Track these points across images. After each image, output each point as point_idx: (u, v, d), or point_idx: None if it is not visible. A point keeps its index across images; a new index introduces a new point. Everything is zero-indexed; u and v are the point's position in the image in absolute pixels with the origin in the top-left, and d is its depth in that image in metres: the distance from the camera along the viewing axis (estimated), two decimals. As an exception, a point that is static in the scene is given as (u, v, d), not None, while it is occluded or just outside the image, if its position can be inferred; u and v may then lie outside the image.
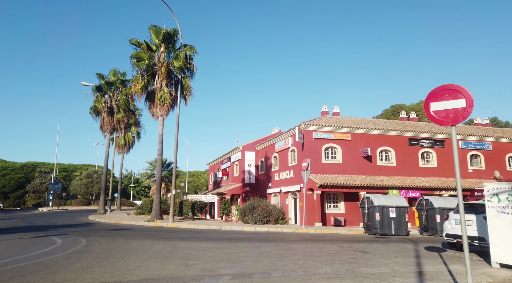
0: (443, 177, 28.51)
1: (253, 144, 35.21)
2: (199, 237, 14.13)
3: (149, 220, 20.27)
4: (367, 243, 12.93)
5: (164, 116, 20.65)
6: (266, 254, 9.71)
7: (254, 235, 15.20)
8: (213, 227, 18.51)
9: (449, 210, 16.70)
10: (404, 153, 28.13)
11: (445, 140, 29.14)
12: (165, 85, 20.61)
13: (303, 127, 26.56)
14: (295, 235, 16.10)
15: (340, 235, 17.06)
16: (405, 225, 16.86)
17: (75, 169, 62.70)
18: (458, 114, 5.53)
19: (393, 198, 17.40)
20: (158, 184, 21.05)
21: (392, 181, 26.44)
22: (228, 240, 13.09)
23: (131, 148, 36.05)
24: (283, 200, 29.42)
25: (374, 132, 27.82)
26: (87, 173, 54.44)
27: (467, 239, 5.33)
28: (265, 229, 18.07)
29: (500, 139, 30.12)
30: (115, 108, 27.94)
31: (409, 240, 14.91)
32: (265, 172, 33.16)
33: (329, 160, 26.79)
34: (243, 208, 21.08)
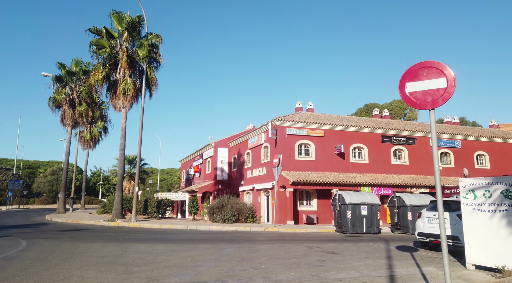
0: (414, 174, 28.52)
1: (226, 140, 34.12)
2: (159, 238, 12.95)
3: (109, 219, 18.81)
4: (337, 243, 12.20)
5: (127, 108, 19.20)
6: (226, 257, 8.72)
7: (220, 235, 14.18)
8: (178, 226, 17.33)
9: (420, 208, 16.31)
10: (376, 150, 27.89)
11: (416, 138, 29.16)
12: (128, 75, 19.14)
13: (277, 123, 25.73)
14: (264, 234, 15.21)
15: (310, 234, 16.32)
16: (376, 223, 16.34)
17: (40, 166, 59.27)
18: (437, 96, 4.70)
19: (365, 195, 16.84)
20: (120, 180, 19.58)
21: (364, 178, 26.10)
22: (189, 241, 12.00)
23: (97, 143, 34.01)
24: (255, 198, 28.52)
25: (348, 129, 27.40)
26: (52, 170, 51.46)
27: (446, 244, 4.52)
28: (234, 228, 17.09)
29: (469, 138, 30.49)
30: (76, 101, 26.02)
31: (380, 238, 14.34)
32: (238, 169, 32.17)
33: (303, 157, 26.12)
34: (211, 206, 19.99)
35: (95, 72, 18.51)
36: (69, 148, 27.63)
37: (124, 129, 19.53)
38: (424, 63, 4.76)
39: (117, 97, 18.95)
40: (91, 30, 18.65)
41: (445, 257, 4.49)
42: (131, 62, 19.49)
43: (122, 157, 19.64)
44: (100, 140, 34.31)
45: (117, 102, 19.04)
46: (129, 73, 19.27)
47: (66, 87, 26.20)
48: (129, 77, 19.16)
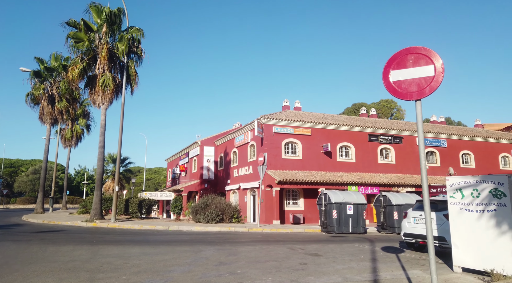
0: (401, 173, 28.40)
1: (213, 139, 33.48)
2: (136, 239, 12.31)
3: (87, 220, 18.04)
4: (321, 244, 11.77)
5: (107, 104, 18.42)
6: (203, 261, 8.18)
7: (202, 236, 13.61)
8: (159, 227, 16.69)
9: (407, 207, 16.02)
10: (363, 149, 27.67)
11: (403, 137, 29.05)
12: (107, 70, 18.35)
13: (263, 121, 25.25)
14: (247, 235, 14.70)
15: (295, 234, 15.89)
16: (362, 222, 15.99)
17: (22, 164, 57.49)
18: (424, 85, 4.25)
19: (351, 194, 16.49)
20: (99, 179, 18.79)
21: (351, 177, 25.84)
22: (167, 243, 11.41)
23: (79, 141, 32.97)
24: (241, 197, 28.00)
25: (335, 127, 27.10)
26: (34, 169, 49.91)
27: (433, 250, 4.08)
28: (217, 229, 16.53)
29: (454, 137, 30.55)
30: (56, 97, 24.98)
31: (366, 239, 13.98)
32: (224, 167, 31.58)
33: (289, 155, 25.71)
34: (195, 206, 19.38)
35: (73, 67, 17.68)
36: (48, 145, 26.60)
37: (103, 126, 18.73)
38: (410, 49, 4.30)
39: (96, 93, 18.15)
40: (68, 23, 17.79)
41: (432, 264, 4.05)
42: (111, 56, 18.71)
43: (102, 155, 18.84)
44: (83, 138, 33.30)
45: (96, 98, 18.24)
46: (108, 68, 18.48)
47: (45, 82, 25.14)
48: (109, 72, 18.36)
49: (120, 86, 18.82)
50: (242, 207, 27.87)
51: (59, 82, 24.64)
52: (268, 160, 24.93)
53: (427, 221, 4.08)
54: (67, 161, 33.54)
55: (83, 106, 32.77)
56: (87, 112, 33.28)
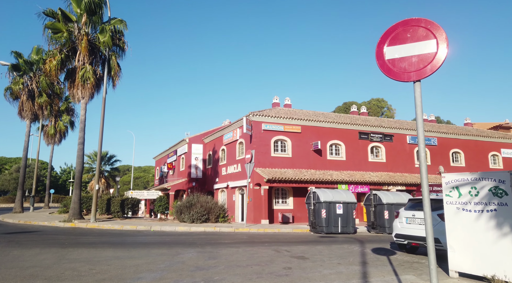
0: (391, 171, 28.00)
1: (201, 136, 32.67)
2: (112, 241, 11.51)
3: (65, 220, 17.12)
4: (309, 245, 11.12)
5: (87, 99, 17.47)
6: (178, 265, 7.45)
7: (184, 237, 12.85)
8: (141, 227, 15.87)
9: (398, 206, 15.50)
10: (354, 147, 27.19)
11: (393, 135, 28.65)
12: (88, 62, 17.40)
13: (252, 118, 24.55)
14: (233, 235, 13.99)
15: (283, 234, 15.23)
16: (352, 222, 15.42)
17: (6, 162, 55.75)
18: (425, 63, 3.57)
19: (341, 193, 15.89)
20: (77, 177, 17.85)
21: (341, 175, 25.32)
22: (144, 245, 10.63)
23: (63, 139, 31.81)
24: (230, 196, 27.28)
25: (325, 125, 26.54)
26: (17, 167, 48.34)
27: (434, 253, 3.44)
28: (201, 229, 15.78)
29: (445, 135, 30.28)
30: (36, 92, 23.85)
31: (356, 239, 13.39)
32: (212, 166, 30.81)
33: (279, 153, 25.07)
34: (179, 205, 18.59)
35: (51, 59, 16.70)
36: (28, 142, 25.45)
37: (83, 121, 17.79)
38: (408, 21, 3.62)
39: (75, 86, 17.20)
40: (46, 13, 16.77)
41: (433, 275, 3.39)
42: (92, 48, 17.77)
43: (81, 151, 17.91)
44: (66, 135, 32.13)
45: (75, 92, 17.29)
46: (89, 61, 17.54)
47: (24, 77, 23.97)
48: (89, 65, 17.42)
49: (102, 80, 17.89)
50: (230, 206, 27.16)
51: (39, 77, 23.53)
52: (257, 158, 24.26)
53: (427, 222, 3.43)
54: (50, 158, 32.37)
55: (67, 103, 31.63)
56: (71, 109, 32.14)
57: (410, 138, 28.98)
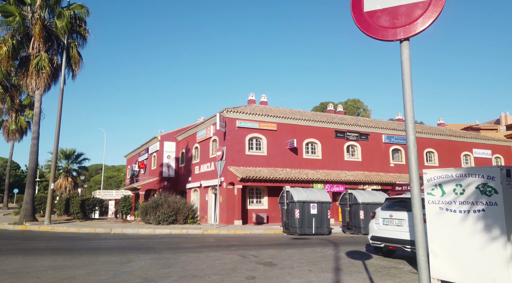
0: (367, 170, 27.64)
1: (174, 134, 31.25)
2: (58, 247, 10.17)
3: (16, 222, 15.47)
4: (279, 249, 10.20)
5: (43, 90, 15.85)
6: (123, 277, 6.32)
7: (144, 241, 11.65)
8: (100, 230, 14.48)
9: (374, 206, 14.89)
10: (330, 146, 26.64)
11: (369, 133, 28.31)
12: (43, 50, 15.79)
13: (226, 114, 23.47)
14: (199, 238, 12.90)
15: (254, 236, 14.26)
16: (327, 222, 14.66)
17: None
18: (414, 16, 2.65)
19: (315, 192, 15.11)
20: (30, 175, 16.21)
21: (317, 174, 24.68)
22: (93, 251, 9.37)
23: (25, 135, 29.59)
24: (203, 196, 26.10)
25: (301, 123, 25.82)
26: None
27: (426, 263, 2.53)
28: (167, 231, 14.58)
29: (419, 135, 30.26)
30: (-11, 83, 21.86)
31: (330, 241, 12.60)
32: (185, 164, 29.49)
33: (253, 151, 24.13)
34: (145, 206, 17.28)
35: (1, 45, 15.01)
36: (-20, 137, 23.32)
37: (38, 114, 16.17)
38: (393, -40, 2.70)
39: (29, 75, 15.54)
40: (-4, -7, 15.09)
41: None
42: (48, 35, 16.16)
43: (35, 147, 16.27)
44: (29, 131, 29.91)
45: (29, 82, 15.63)
46: (44, 48, 15.93)
47: (-23, 66, 21.84)
48: (44, 52, 15.83)
49: (59, 70, 16.32)
50: (203, 206, 25.99)
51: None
52: (231, 156, 23.23)
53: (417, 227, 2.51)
54: (10, 155, 30.08)
55: (30, 97, 29.42)
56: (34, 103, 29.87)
57: (385, 138, 28.75)
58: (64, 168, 37.29)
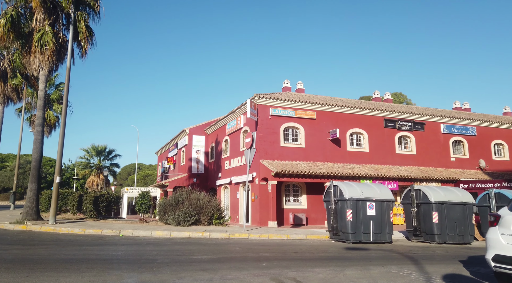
0: (422, 165, 23.32)
1: (203, 127, 28.66)
2: (36, 255, 7.52)
3: (18, 221, 13.37)
4: (332, 267, 6.84)
5: (47, 69, 13.67)
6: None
7: (148, 249, 8.78)
8: (107, 231, 11.89)
9: (452, 206, 11.06)
10: (378, 137, 22.67)
11: (425, 122, 23.95)
12: (47, 23, 13.65)
13: (257, 101, 20.38)
14: (222, 245, 9.85)
15: (293, 243, 10.97)
16: (388, 227, 11.04)
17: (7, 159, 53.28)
18: None
19: (372, 187, 11.51)
20: (35, 168, 14.09)
21: (364, 169, 20.87)
22: (64, 265, 6.56)
23: (53, 130, 28.45)
24: (233, 193, 23.16)
25: (344, 110, 22.12)
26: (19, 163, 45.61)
27: None
28: (185, 234, 11.70)
29: (485, 124, 25.36)
30: (9, 71, 20.42)
31: (401, 254, 9.01)
32: (215, 159, 26.77)
33: (289, 143, 20.82)
34: (163, 204, 14.57)
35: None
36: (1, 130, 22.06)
37: (42, 98, 14.05)
38: None
39: (32, 53, 13.42)
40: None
41: None
42: (53, 7, 14.00)
43: (39, 135, 14.18)
44: (57, 126, 28.68)
45: (32, 60, 13.52)
46: (49, 21, 13.80)
47: (-5, 54, 20.60)
48: (48, 26, 13.66)
49: (66, 47, 14.09)
50: (233, 205, 23.08)
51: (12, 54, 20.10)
52: (264, 148, 20.09)
53: None
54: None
55: (58, 91, 28.20)
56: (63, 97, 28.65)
57: (444, 127, 24.22)
58: (95, 164, 36.12)
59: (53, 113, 28.41)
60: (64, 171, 52.42)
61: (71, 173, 51.01)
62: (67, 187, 49.33)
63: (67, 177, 51.52)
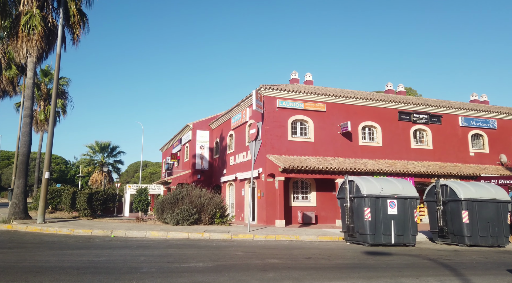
0: (439, 161, 21.79)
1: (207, 121, 27.44)
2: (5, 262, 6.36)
3: (4, 220, 12.31)
4: (353, 280, 5.53)
5: (35, 55, 12.53)
6: None
7: (137, 253, 7.57)
8: (98, 232, 10.73)
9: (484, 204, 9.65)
10: (392, 130, 21.20)
11: (442, 115, 22.38)
12: (35, 6, 12.51)
13: (264, 92, 19.07)
14: (222, 249, 8.60)
15: (303, 246, 9.66)
16: (412, 228, 9.66)
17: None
18: None
19: (393, 182, 10.13)
20: (22, 162, 12.96)
21: (377, 164, 19.44)
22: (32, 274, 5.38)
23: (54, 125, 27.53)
24: (238, 190, 21.93)
25: (356, 102, 20.69)
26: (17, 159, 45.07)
27: None
28: (184, 235, 10.48)
29: (506, 117, 23.68)
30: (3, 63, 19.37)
31: (433, 261, 7.65)
32: (220, 155, 25.55)
33: (298, 137, 19.49)
34: (161, 201, 13.39)
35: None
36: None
37: (30, 87, 12.93)
38: None
39: (19, 38, 12.30)
40: None
41: None
42: (42, -13, 12.91)
43: (27, 127, 13.08)
44: (58, 121, 27.84)
45: (19, 46, 12.39)
46: (37, 4, 12.67)
47: (-11, 44, 19.65)
48: (36, 8, 12.53)
49: (56, 32, 12.96)
50: (238, 202, 21.85)
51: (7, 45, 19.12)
52: (270, 142, 18.80)
53: None
54: (39, 148, 28.14)
55: (59, 84, 27.26)
56: (63, 92, 27.80)
57: (463, 120, 22.62)
58: (99, 161, 35.19)
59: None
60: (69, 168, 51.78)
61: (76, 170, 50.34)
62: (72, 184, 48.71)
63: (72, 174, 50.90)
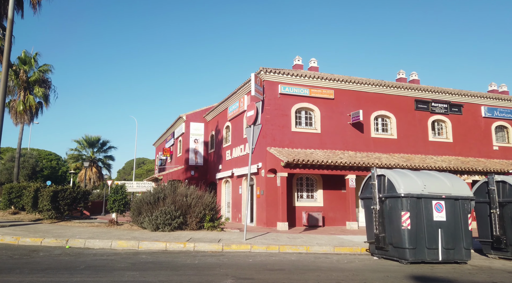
0: (460, 155, 19.21)
1: (202, 113, 24.83)
2: None
3: None
4: None
5: None
6: None
7: (76, 281, 4.97)
8: (51, 240, 8.14)
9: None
10: (408, 121, 18.62)
11: (463, 104, 19.80)
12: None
13: (264, 76, 16.46)
14: (206, 268, 6.01)
15: (317, 264, 7.05)
16: (466, 239, 7.06)
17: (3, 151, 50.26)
18: None
19: (439, 178, 7.50)
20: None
21: (392, 159, 16.87)
22: None
23: (35, 117, 24.87)
24: (235, 188, 19.34)
25: (368, 89, 18.10)
26: (11, 156, 42.32)
27: None
28: (160, 246, 7.90)
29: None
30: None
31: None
32: (215, 149, 22.95)
33: (302, 128, 16.91)
34: (139, 201, 10.77)
35: None
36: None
37: None
38: None
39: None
40: None
41: None
42: None
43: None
44: (39, 113, 25.14)
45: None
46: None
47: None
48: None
49: None
50: (235, 201, 19.27)
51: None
52: (272, 133, 16.22)
53: None
54: (19, 141, 25.48)
55: (38, 72, 24.58)
56: (46, 79, 25.14)
57: (486, 110, 20.05)
58: (88, 157, 32.53)
59: (34, 97, 24.77)
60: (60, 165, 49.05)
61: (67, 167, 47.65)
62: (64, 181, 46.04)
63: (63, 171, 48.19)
